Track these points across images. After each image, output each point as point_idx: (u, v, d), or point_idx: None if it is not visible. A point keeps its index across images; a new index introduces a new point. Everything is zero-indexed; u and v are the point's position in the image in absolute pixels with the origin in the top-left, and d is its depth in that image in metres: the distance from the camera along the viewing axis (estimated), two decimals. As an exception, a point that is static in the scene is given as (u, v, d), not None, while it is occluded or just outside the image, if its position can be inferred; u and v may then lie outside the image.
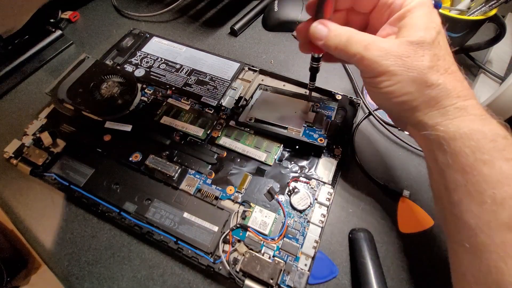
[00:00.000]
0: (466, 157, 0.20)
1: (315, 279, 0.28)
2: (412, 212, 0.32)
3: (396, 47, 0.22)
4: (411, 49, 0.22)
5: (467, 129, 0.21)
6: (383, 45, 0.22)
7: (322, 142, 0.33)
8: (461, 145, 0.21)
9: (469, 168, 0.20)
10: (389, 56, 0.22)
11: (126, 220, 0.29)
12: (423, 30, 0.22)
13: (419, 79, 0.22)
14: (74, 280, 0.29)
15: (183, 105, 0.37)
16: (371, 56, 0.22)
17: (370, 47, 0.23)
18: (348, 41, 0.23)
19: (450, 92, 0.22)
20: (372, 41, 0.23)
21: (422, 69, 0.22)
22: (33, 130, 0.35)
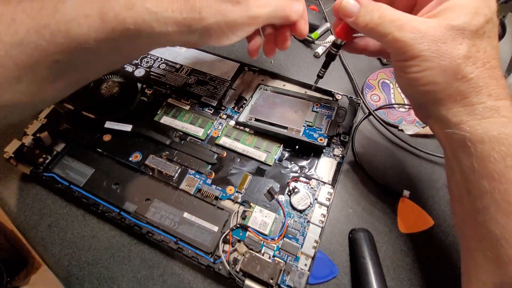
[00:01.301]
0: (495, 162, 0.19)
1: (315, 279, 0.28)
2: (412, 212, 0.32)
3: (434, 30, 0.20)
4: (449, 34, 0.20)
5: (497, 132, 0.19)
6: (420, 26, 0.20)
7: (322, 142, 0.33)
8: (489, 149, 0.19)
9: (497, 175, 0.19)
10: (423, 40, 0.20)
11: (126, 220, 0.29)
12: (470, 14, 0.20)
13: (450, 68, 0.20)
14: (74, 280, 0.29)
15: (183, 105, 0.37)
16: (404, 37, 0.20)
17: (404, 27, 0.20)
18: (381, 18, 0.21)
19: (481, 89, 0.20)
20: (408, 21, 0.21)
21: (456, 58, 0.20)
22: (33, 130, 0.35)
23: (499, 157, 0.19)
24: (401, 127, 0.37)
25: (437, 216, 0.31)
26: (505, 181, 0.19)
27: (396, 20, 0.21)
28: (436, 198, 0.32)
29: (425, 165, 0.35)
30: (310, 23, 0.48)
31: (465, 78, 0.20)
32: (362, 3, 0.23)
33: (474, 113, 0.20)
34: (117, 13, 0.21)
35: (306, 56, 0.45)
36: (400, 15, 0.21)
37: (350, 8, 0.23)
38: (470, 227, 0.21)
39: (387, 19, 0.21)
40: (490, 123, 0.20)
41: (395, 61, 0.23)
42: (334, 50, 0.29)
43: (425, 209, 0.32)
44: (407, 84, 0.23)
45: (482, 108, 0.20)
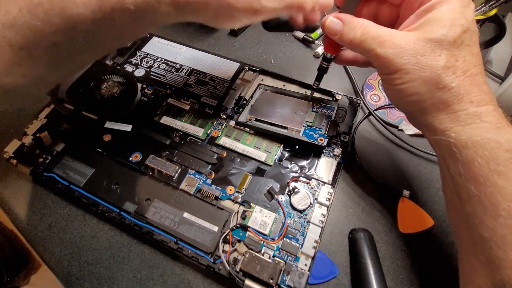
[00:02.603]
0: (479, 167, 0.20)
1: (315, 279, 0.28)
2: (412, 212, 0.32)
3: (413, 44, 0.21)
4: (428, 47, 0.21)
5: (479, 138, 0.20)
6: (400, 42, 0.21)
7: (322, 142, 0.33)
8: (473, 154, 0.20)
9: (482, 179, 0.19)
10: (403, 54, 0.21)
11: (126, 220, 0.29)
12: (447, 27, 0.20)
13: (431, 79, 0.21)
14: (74, 280, 0.29)
15: (183, 105, 0.37)
16: (386, 53, 0.21)
17: (385, 43, 0.22)
18: (363, 35, 0.22)
19: (462, 97, 0.21)
20: (389, 37, 0.22)
21: (436, 69, 0.20)
22: (33, 130, 0.35)
23: (483, 162, 0.19)
24: (401, 127, 0.37)
25: (437, 216, 0.31)
26: (490, 184, 0.19)
27: (377, 36, 0.22)
28: (436, 198, 0.32)
29: (425, 165, 0.35)
30: (310, 23, 0.48)
31: (446, 87, 0.21)
32: (345, 21, 0.24)
33: (457, 119, 0.21)
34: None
35: (306, 56, 0.45)
36: (381, 31, 0.22)
37: (334, 27, 0.24)
38: (463, 231, 0.22)
39: (369, 36, 0.22)
40: (473, 129, 0.20)
41: (381, 74, 0.24)
42: (325, 64, 0.30)
43: (425, 209, 0.32)
44: (393, 95, 0.24)
45: (464, 115, 0.21)
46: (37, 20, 0.20)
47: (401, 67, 0.21)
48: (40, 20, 0.20)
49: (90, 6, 0.20)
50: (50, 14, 0.20)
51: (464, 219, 0.21)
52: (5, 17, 0.20)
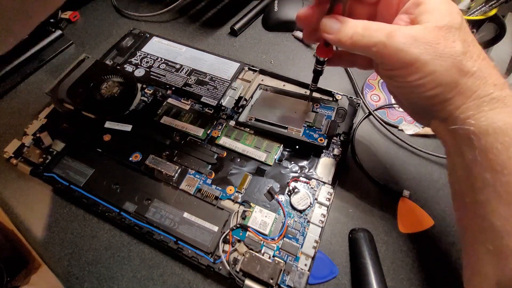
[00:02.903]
0: (498, 154, 0.19)
1: (315, 279, 0.28)
2: (412, 212, 0.32)
3: (423, 33, 0.19)
4: (440, 34, 0.19)
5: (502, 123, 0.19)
6: (409, 31, 0.20)
7: (322, 142, 0.33)
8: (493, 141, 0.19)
9: (499, 166, 0.19)
10: (418, 43, 0.19)
11: (126, 220, 0.29)
12: (448, 14, 0.20)
13: (454, 67, 0.19)
14: (74, 280, 0.29)
15: (183, 105, 0.37)
16: (396, 43, 0.20)
17: (393, 33, 0.20)
18: (366, 29, 0.21)
19: (486, 80, 0.20)
20: (395, 28, 0.20)
21: (456, 55, 0.19)
22: (33, 130, 0.35)
23: (502, 148, 0.19)
24: (401, 127, 0.37)
25: (437, 216, 0.31)
26: (507, 172, 0.18)
27: (381, 29, 0.20)
28: (436, 198, 0.32)
29: (425, 165, 0.35)
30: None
31: (469, 72, 0.20)
32: (342, 19, 0.22)
33: (482, 105, 0.20)
34: None
35: (306, 56, 0.45)
36: (385, 24, 0.21)
37: (330, 25, 0.22)
38: (472, 220, 0.21)
39: (372, 29, 0.21)
40: (496, 113, 0.19)
41: (387, 70, 0.22)
42: (319, 66, 0.29)
43: (425, 209, 0.32)
44: (408, 92, 0.22)
45: (489, 99, 0.20)
46: None
47: (417, 57, 0.19)
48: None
49: None
50: None
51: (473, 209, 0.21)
52: None
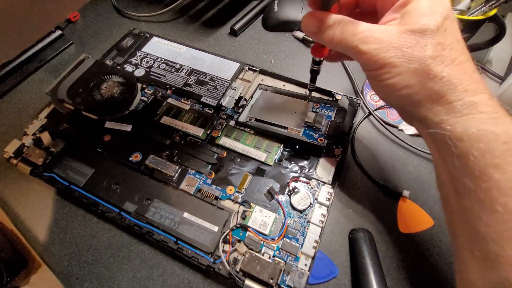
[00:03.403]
0: (475, 160, 0.19)
1: (315, 279, 0.28)
2: (412, 212, 0.32)
3: (396, 37, 0.20)
4: (412, 38, 0.20)
5: (475, 129, 0.19)
6: (382, 36, 0.20)
7: (322, 142, 0.33)
8: (469, 147, 0.19)
9: (478, 172, 0.19)
10: (388, 48, 0.20)
11: (126, 220, 0.29)
12: (427, 16, 0.20)
13: (420, 70, 0.20)
14: (74, 280, 0.29)
15: (183, 105, 0.37)
16: (370, 49, 0.21)
17: (367, 39, 0.21)
18: (343, 33, 0.21)
19: (456, 86, 0.20)
20: (370, 33, 0.21)
21: (424, 59, 0.20)
22: (33, 130, 0.35)
23: (478, 155, 0.19)
24: (401, 127, 0.37)
25: (437, 216, 0.31)
26: (486, 178, 0.18)
27: (357, 33, 0.21)
28: (436, 198, 0.32)
29: (425, 165, 0.35)
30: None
31: (437, 77, 0.20)
32: (321, 19, 0.22)
33: (453, 111, 0.20)
34: None
35: (306, 56, 0.45)
36: (361, 27, 0.21)
37: (311, 26, 0.23)
38: (458, 226, 0.21)
39: (348, 33, 0.21)
40: (468, 120, 0.20)
41: (366, 71, 0.23)
42: (315, 66, 0.29)
43: (425, 209, 0.32)
44: (384, 92, 0.23)
45: (460, 105, 0.20)
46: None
47: (387, 61, 0.20)
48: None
49: None
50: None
51: (459, 214, 0.21)
52: None
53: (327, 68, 0.44)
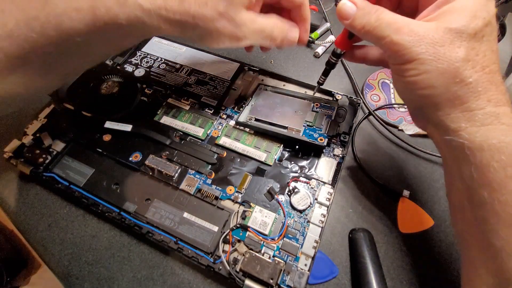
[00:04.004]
0: (495, 172, 0.18)
1: (315, 279, 0.28)
2: (412, 212, 0.32)
3: (431, 32, 0.19)
4: (447, 37, 0.19)
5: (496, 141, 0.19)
6: (417, 29, 0.20)
7: (322, 142, 0.33)
8: (489, 158, 0.19)
9: (497, 185, 0.18)
10: (421, 43, 0.19)
11: (126, 220, 0.29)
12: (468, 17, 0.19)
13: (448, 72, 0.19)
14: (74, 280, 0.29)
15: (183, 105, 0.37)
16: (402, 40, 0.20)
17: (402, 30, 0.20)
18: (378, 21, 0.21)
19: (480, 94, 0.19)
20: (405, 24, 0.20)
21: (455, 61, 0.19)
22: (33, 130, 0.35)
23: (498, 167, 0.18)
24: (401, 127, 0.37)
25: (437, 216, 0.31)
26: (506, 192, 0.18)
27: (393, 23, 0.21)
28: (436, 198, 0.32)
29: (425, 165, 0.35)
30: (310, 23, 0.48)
31: (463, 82, 0.19)
32: (359, 5, 0.22)
33: (473, 119, 0.20)
34: (109, 8, 0.21)
35: (306, 56, 0.45)
36: (398, 18, 0.21)
37: (347, 10, 0.23)
38: (471, 236, 0.21)
39: (384, 22, 0.21)
40: (489, 130, 0.19)
41: (393, 64, 0.22)
42: (334, 59, 0.29)
43: (425, 209, 0.32)
44: (404, 87, 0.22)
45: (481, 114, 0.19)
46: (33, 33, 0.21)
47: (417, 56, 0.20)
48: (36, 33, 0.21)
49: (84, 21, 0.21)
50: (46, 27, 0.21)
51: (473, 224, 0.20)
52: (3, 30, 0.20)
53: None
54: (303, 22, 0.28)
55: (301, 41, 0.29)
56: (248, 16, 0.24)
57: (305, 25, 0.28)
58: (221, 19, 0.23)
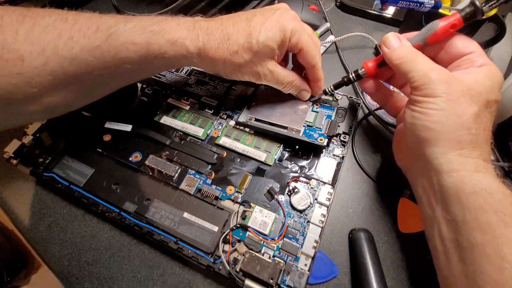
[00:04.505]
0: (488, 216, 0.20)
1: (315, 279, 0.28)
2: (412, 212, 0.32)
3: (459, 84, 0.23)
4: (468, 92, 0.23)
5: (488, 187, 0.20)
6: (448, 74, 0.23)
7: (322, 142, 0.33)
8: (482, 203, 0.20)
9: (489, 228, 0.19)
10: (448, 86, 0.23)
11: (126, 220, 0.29)
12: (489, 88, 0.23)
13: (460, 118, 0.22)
14: (74, 280, 0.29)
15: (183, 105, 0.37)
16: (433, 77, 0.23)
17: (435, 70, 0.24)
18: (416, 57, 0.25)
19: (476, 146, 0.22)
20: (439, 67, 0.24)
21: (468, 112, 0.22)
22: (33, 130, 0.35)
23: (490, 210, 0.20)
24: (401, 127, 0.37)
25: (437, 216, 0.31)
26: (497, 235, 0.19)
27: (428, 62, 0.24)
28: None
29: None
30: (310, 23, 0.48)
31: (469, 131, 0.22)
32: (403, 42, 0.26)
33: (466, 164, 0.22)
34: (161, 46, 0.26)
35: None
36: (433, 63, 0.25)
37: (391, 41, 0.27)
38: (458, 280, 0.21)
39: (420, 59, 0.25)
40: (480, 177, 0.21)
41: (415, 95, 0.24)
42: (354, 78, 0.31)
43: (425, 209, 0.32)
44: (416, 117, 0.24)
45: (473, 163, 0.22)
46: (93, 58, 0.25)
47: (442, 94, 0.23)
48: (95, 58, 0.25)
49: (138, 53, 0.26)
50: (105, 55, 0.25)
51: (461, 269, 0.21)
52: (68, 53, 0.24)
53: (327, 68, 0.44)
54: (315, 81, 0.33)
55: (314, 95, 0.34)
56: (270, 66, 0.29)
57: (318, 84, 0.33)
58: (246, 66, 0.28)
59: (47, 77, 0.24)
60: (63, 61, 0.24)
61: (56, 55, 0.23)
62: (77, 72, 0.25)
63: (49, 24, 0.23)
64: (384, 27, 0.49)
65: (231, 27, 0.27)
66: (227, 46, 0.27)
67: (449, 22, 0.25)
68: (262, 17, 0.27)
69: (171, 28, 0.26)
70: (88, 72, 0.25)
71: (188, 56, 0.27)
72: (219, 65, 0.28)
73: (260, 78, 0.30)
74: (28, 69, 0.23)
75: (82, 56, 0.24)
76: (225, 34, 0.27)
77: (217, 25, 0.28)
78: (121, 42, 0.25)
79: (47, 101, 0.25)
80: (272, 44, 0.27)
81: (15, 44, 0.22)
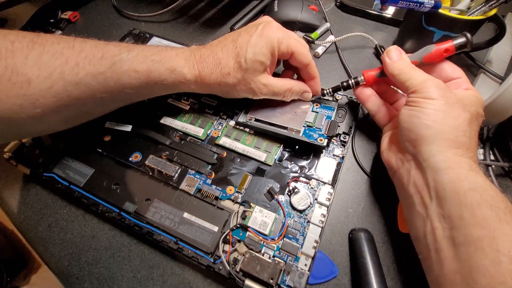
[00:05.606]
0: (484, 211, 0.20)
1: (315, 279, 0.28)
2: (412, 212, 0.32)
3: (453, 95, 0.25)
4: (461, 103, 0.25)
5: (483, 184, 0.22)
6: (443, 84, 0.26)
7: (322, 142, 0.33)
8: (479, 199, 0.21)
9: (485, 223, 0.20)
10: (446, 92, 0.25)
11: (126, 220, 0.29)
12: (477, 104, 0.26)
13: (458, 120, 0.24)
14: (74, 280, 0.29)
15: (183, 105, 0.37)
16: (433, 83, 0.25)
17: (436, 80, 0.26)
18: (414, 69, 0.28)
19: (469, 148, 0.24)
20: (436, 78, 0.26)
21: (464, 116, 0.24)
22: (33, 130, 0.35)
23: (486, 206, 0.20)
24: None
25: (437, 216, 0.31)
26: (493, 229, 0.20)
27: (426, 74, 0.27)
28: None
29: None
30: (310, 23, 0.48)
31: (464, 133, 0.24)
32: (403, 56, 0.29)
33: (461, 162, 0.23)
34: (161, 73, 0.28)
35: (306, 56, 0.45)
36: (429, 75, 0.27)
37: (393, 54, 0.29)
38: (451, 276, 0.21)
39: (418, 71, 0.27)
40: (475, 176, 0.22)
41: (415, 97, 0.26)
42: (353, 85, 0.33)
43: (425, 209, 0.32)
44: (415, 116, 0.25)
45: (467, 162, 0.23)
46: (96, 83, 0.26)
47: (441, 98, 0.25)
48: (98, 83, 0.27)
49: (139, 80, 0.28)
50: (108, 80, 0.27)
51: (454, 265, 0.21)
52: (74, 78, 0.25)
53: (328, 68, 0.44)
54: (312, 79, 0.33)
55: (315, 94, 0.35)
56: (263, 80, 0.30)
57: (315, 81, 0.34)
58: (240, 84, 0.30)
59: (51, 99, 0.25)
60: (68, 85, 0.25)
61: (62, 79, 0.25)
62: (80, 95, 0.26)
63: (57, 51, 0.25)
64: (384, 27, 0.49)
65: (221, 52, 0.29)
66: (219, 70, 0.29)
67: (444, 47, 0.28)
68: (246, 35, 0.29)
69: (170, 58, 0.29)
70: (91, 95, 0.27)
71: (186, 83, 0.30)
72: (215, 88, 0.31)
73: (256, 93, 0.31)
74: (34, 91, 0.24)
75: (86, 81, 0.26)
76: (216, 59, 0.29)
77: (208, 52, 0.30)
78: (124, 69, 0.27)
79: (48, 120, 0.27)
80: (261, 58, 0.29)
81: (24, 69, 0.24)
